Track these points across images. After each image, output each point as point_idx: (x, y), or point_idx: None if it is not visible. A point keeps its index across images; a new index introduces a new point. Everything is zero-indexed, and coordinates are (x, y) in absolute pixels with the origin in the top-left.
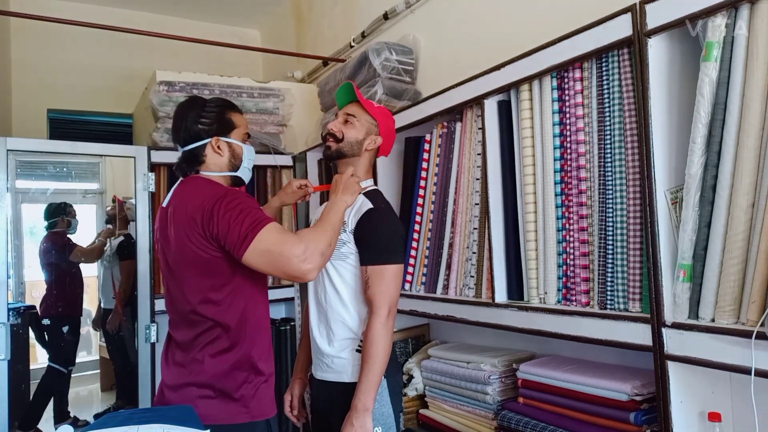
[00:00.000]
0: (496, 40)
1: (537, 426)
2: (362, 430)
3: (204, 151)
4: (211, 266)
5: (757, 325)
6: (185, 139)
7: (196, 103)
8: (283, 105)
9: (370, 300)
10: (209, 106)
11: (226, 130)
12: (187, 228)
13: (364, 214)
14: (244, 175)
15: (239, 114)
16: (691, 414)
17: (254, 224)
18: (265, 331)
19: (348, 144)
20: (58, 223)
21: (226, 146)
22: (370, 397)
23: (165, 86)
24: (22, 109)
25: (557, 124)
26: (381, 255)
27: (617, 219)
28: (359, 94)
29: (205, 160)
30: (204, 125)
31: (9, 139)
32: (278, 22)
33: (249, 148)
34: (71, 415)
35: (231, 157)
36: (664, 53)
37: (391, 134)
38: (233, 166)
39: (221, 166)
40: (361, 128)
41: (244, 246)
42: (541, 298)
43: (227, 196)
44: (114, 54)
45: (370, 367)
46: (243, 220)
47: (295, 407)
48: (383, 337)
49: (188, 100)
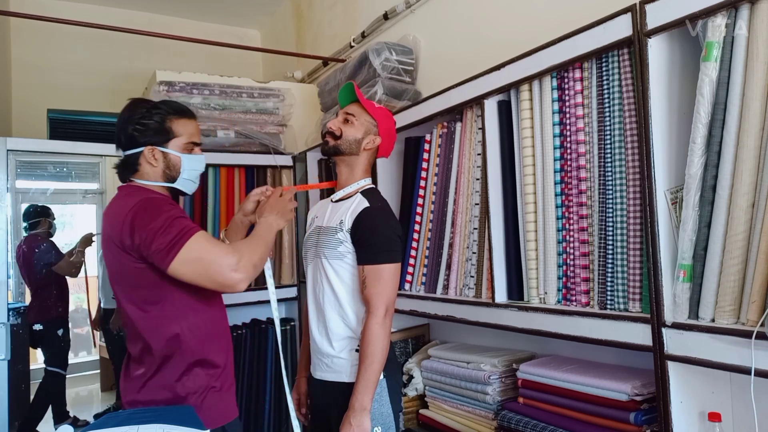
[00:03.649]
0: (496, 40)
1: (537, 426)
2: (360, 429)
3: (139, 159)
4: (137, 279)
5: (757, 325)
6: (123, 144)
7: (137, 107)
8: (283, 105)
9: (367, 300)
10: (150, 112)
11: (162, 140)
12: (113, 239)
13: (360, 213)
14: (183, 186)
15: (188, 120)
16: (691, 414)
17: (182, 233)
18: (215, 340)
19: (346, 142)
20: (40, 224)
21: (162, 156)
22: (367, 397)
23: (165, 86)
24: (22, 109)
25: (557, 124)
26: (378, 255)
27: (617, 219)
28: (360, 94)
29: (139, 168)
30: (139, 132)
31: (9, 139)
32: (278, 22)
33: (192, 158)
34: (71, 415)
35: (165, 167)
36: (664, 53)
37: (392, 135)
38: (168, 178)
39: (155, 176)
40: (360, 127)
41: (170, 256)
42: (541, 298)
43: (149, 205)
44: (114, 54)
45: (368, 367)
46: (167, 229)
47: (303, 404)
48: (380, 336)
49: (131, 102)
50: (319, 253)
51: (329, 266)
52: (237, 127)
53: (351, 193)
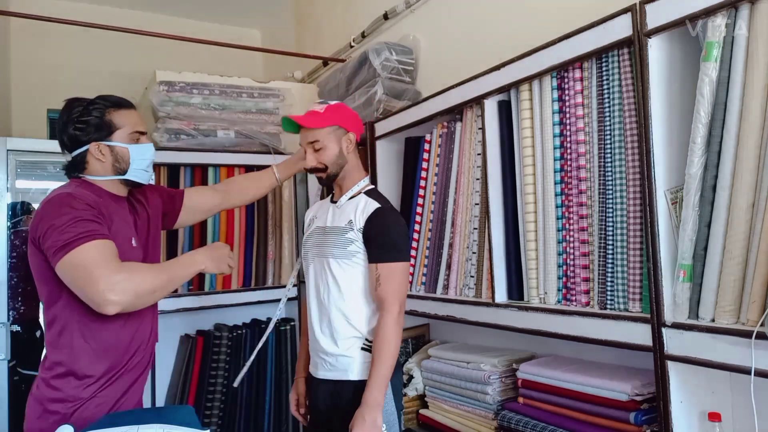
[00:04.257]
0: (496, 40)
1: (537, 426)
2: (374, 425)
3: (86, 157)
4: (38, 273)
5: (757, 325)
6: (67, 146)
7: (73, 107)
8: (283, 105)
9: (381, 297)
10: (87, 109)
11: (105, 134)
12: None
13: (372, 212)
14: (136, 177)
15: (127, 110)
16: (691, 414)
17: (80, 236)
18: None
19: (333, 165)
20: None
21: (108, 150)
22: (381, 393)
23: (165, 86)
24: (22, 109)
25: (557, 124)
26: (391, 253)
27: (617, 219)
28: (300, 120)
29: (87, 166)
30: (80, 131)
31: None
32: (278, 22)
33: (140, 148)
34: None
35: (114, 161)
36: (664, 53)
37: (356, 120)
38: (118, 170)
39: (105, 171)
40: (331, 144)
41: (59, 256)
42: (541, 298)
43: (62, 201)
44: (114, 54)
45: (382, 363)
46: (67, 228)
47: (302, 405)
48: (395, 333)
49: (67, 102)
50: (324, 252)
51: (337, 265)
52: (237, 127)
53: (355, 194)
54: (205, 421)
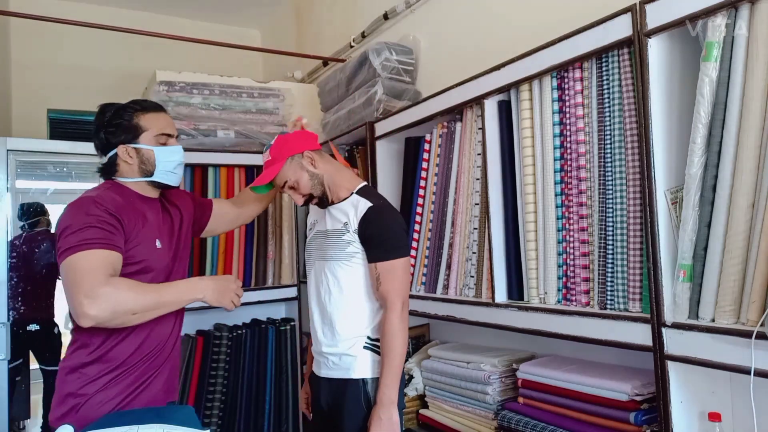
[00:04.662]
0: (496, 40)
1: (537, 426)
2: (390, 422)
3: (116, 160)
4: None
5: (757, 325)
6: (101, 150)
7: (105, 112)
8: (283, 105)
9: (383, 296)
10: (118, 113)
11: (132, 136)
12: None
13: (366, 212)
14: (162, 178)
15: (155, 113)
16: (691, 414)
17: (86, 241)
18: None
19: (314, 188)
20: (39, 223)
21: (135, 152)
22: (394, 390)
23: (165, 86)
24: (22, 109)
25: (557, 124)
26: (390, 251)
27: (617, 219)
28: (264, 177)
29: (117, 168)
30: (111, 134)
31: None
32: (278, 22)
33: (165, 150)
34: None
35: (140, 163)
36: (664, 53)
37: (300, 137)
38: (145, 172)
39: (133, 173)
40: (297, 175)
41: (63, 256)
42: (541, 298)
43: (83, 203)
44: (114, 54)
45: (392, 361)
46: (78, 232)
47: (311, 403)
48: (401, 330)
49: (100, 108)
50: (325, 255)
51: (337, 267)
52: (237, 127)
53: (346, 196)
54: (205, 421)
